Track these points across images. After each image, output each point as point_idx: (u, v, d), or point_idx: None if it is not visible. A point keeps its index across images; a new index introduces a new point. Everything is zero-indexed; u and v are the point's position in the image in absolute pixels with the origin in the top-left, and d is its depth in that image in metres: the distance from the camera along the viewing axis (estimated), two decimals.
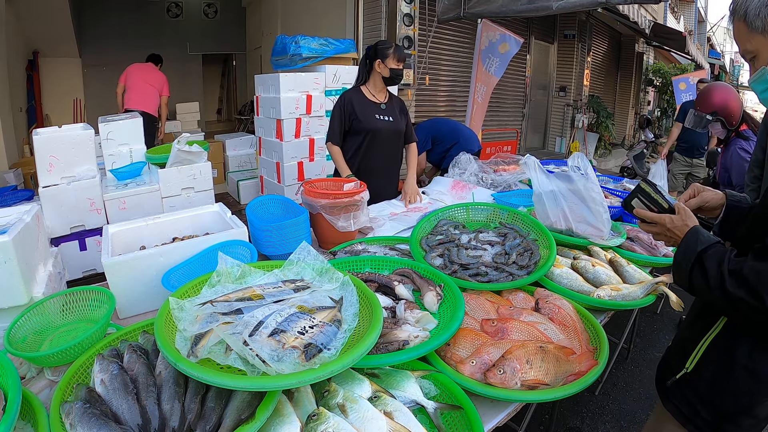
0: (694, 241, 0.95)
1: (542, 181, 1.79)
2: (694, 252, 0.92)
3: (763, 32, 0.89)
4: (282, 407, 0.86)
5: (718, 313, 0.99)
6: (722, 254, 0.89)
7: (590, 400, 2.28)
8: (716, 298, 0.89)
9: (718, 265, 0.88)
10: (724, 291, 0.85)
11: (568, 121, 8.55)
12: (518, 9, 4.19)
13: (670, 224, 1.03)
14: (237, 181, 4.83)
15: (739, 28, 0.93)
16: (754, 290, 0.81)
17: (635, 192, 1.15)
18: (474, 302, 1.32)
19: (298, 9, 6.42)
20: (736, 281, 0.84)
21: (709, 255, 0.91)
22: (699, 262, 0.91)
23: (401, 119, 2.51)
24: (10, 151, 4.68)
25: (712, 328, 1.00)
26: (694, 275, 0.92)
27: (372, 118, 2.39)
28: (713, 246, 0.92)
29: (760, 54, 0.91)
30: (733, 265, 0.86)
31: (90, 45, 7.21)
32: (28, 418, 0.86)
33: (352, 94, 2.44)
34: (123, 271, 1.33)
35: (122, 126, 2.78)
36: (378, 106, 2.44)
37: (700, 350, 1.01)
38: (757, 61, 0.92)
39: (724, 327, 0.98)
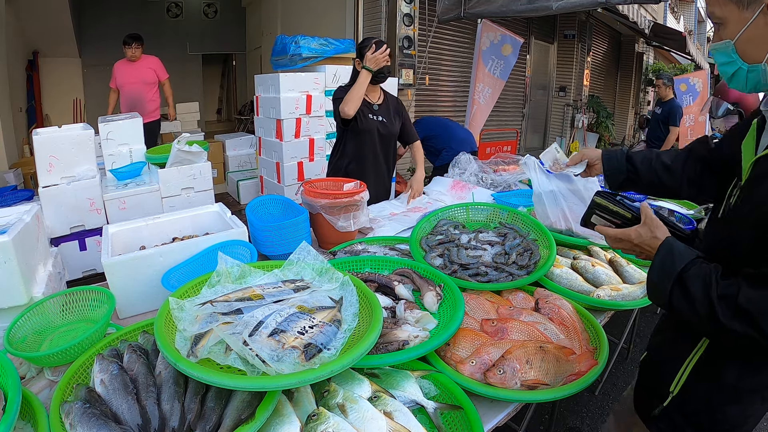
0: (671, 259, 0.84)
1: (542, 181, 1.79)
2: (673, 272, 0.82)
3: (739, 2, 0.81)
4: (282, 407, 0.86)
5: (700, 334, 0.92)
6: (707, 275, 0.79)
7: (590, 400, 2.28)
8: (703, 326, 0.79)
9: (704, 288, 0.78)
10: (715, 321, 0.76)
11: (567, 121, 8.56)
12: (518, 9, 4.20)
13: (638, 239, 0.93)
14: (237, 181, 4.83)
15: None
16: (754, 324, 0.72)
17: (591, 208, 1.04)
18: (474, 302, 1.32)
19: (297, 9, 6.42)
20: (731, 312, 0.74)
21: (690, 276, 0.80)
22: (680, 284, 0.81)
23: (395, 121, 2.45)
24: (10, 151, 4.68)
25: (695, 348, 0.92)
26: (674, 298, 0.82)
27: (365, 118, 2.34)
28: (693, 264, 0.82)
29: (727, 23, 0.83)
30: (723, 290, 0.76)
31: (90, 45, 7.20)
32: (28, 418, 0.86)
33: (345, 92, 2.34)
34: (123, 271, 1.33)
35: (122, 126, 2.78)
36: (371, 106, 2.38)
37: (685, 372, 0.93)
38: (723, 30, 0.85)
39: (709, 347, 0.90)
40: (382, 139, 2.40)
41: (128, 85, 4.64)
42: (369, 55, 2.17)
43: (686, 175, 1.14)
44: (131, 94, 4.67)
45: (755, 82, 0.84)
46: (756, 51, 0.81)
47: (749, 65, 0.83)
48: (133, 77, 4.65)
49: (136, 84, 4.67)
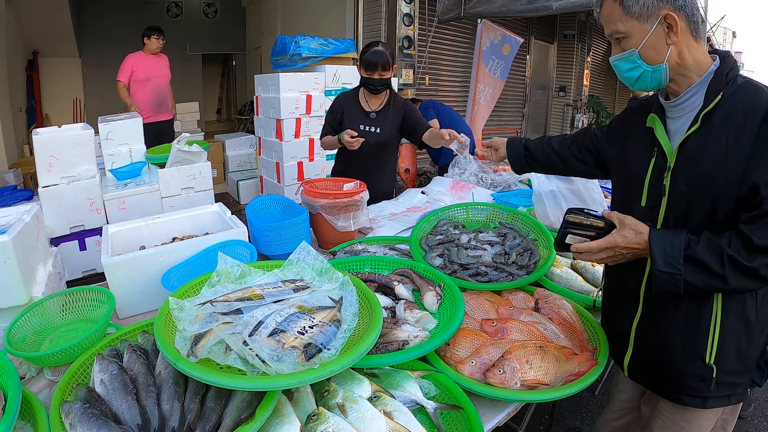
0: (669, 246, 0.92)
1: (542, 182, 1.79)
2: (678, 255, 0.91)
3: (639, 17, 0.94)
4: (282, 407, 0.86)
5: (707, 297, 0.99)
6: (706, 242, 0.89)
7: (590, 400, 2.28)
8: (726, 282, 0.88)
9: (713, 252, 0.88)
10: (740, 269, 0.86)
11: (567, 121, 8.55)
12: (518, 9, 4.20)
13: (624, 242, 0.98)
14: (237, 181, 4.83)
15: (614, 9, 0.97)
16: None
17: (564, 228, 1.04)
18: (474, 302, 1.32)
19: (297, 9, 6.42)
20: (750, 254, 0.85)
21: (694, 249, 0.90)
22: (690, 261, 0.90)
23: (393, 128, 2.31)
24: (9, 151, 4.67)
25: (712, 313, 0.99)
26: (688, 276, 0.90)
27: (354, 127, 2.25)
28: (689, 239, 0.91)
29: (630, 36, 0.96)
30: (730, 243, 0.87)
31: (90, 45, 7.20)
32: (27, 418, 0.86)
33: (345, 99, 2.34)
34: (123, 271, 1.33)
35: (122, 126, 2.78)
36: (367, 114, 2.29)
37: (715, 338, 1.00)
38: (627, 42, 0.98)
39: (723, 303, 0.98)
40: (373, 150, 2.29)
41: (156, 79, 4.46)
42: (345, 138, 2.11)
43: (575, 158, 1.33)
44: (160, 89, 4.50)
45: (657, 81, 0.99)
46: (656, 55, 0.96)
47: (652, 67, 0.97)
48: (159, 71, 4.49)
49: (162, 78, 4.51)
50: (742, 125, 0.89)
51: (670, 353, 1.07)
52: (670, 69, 0.97)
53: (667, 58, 0.95)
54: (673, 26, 0.93)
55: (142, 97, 4.41)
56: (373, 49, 2.14)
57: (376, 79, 2.16)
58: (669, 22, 0.93)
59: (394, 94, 2.36)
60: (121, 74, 4.37)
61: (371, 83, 2.18)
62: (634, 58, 0.98)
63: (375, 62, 2.12)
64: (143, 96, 4.41)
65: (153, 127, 4.34)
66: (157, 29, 4.43)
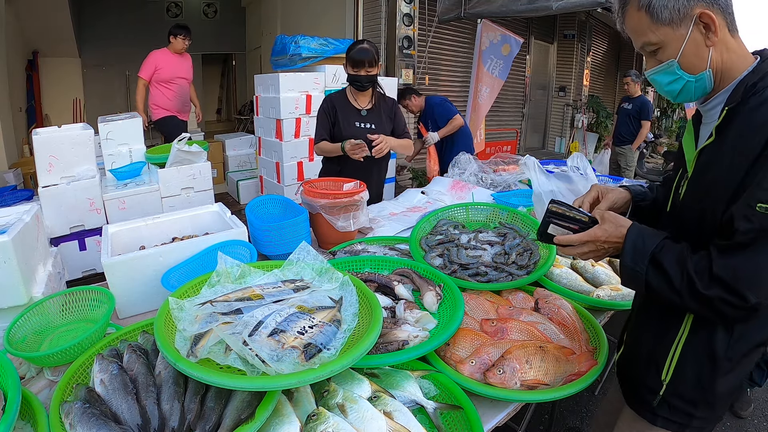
0: (641, 241, 0.88)
1: (542, 182, 1.79)
2: (646, 253, 0.86)
3: (671, 23, 0.84)
4: (282, 407, 0.86)
5: (680, 314, 0.94)
6: (678, 252, 0.84)
7: (590, 400, 2.28)
8: (683, 299, 0.83)
9: (678, 265, 0.82)
10: (694, 293, 0.80)
11: (567, 121, 8.56)
12: (518, 9, 4.20)
13: (604, 235, 0.94)
14: (237, 181, 4.83)
15: (640, 19, 0.86)
16: (732, 289, 0.77)
17: (547, 218, 1.01)
18: (473, 302, 1.32)
19: (297, 9, 6.42)
20: (708, 281, 0.79)
21: (664, 255, 0.85)
22: (654, 263, 0.85)
23: (387, 124, 2.34)
24: (9, 151, 4.67)
25: (679, 330, 0.94)
26: (650, 278, 0.86)
27: (351, 127, 2.25)
28: (663, 243, 0.86)
29: (665, 46, 0.86)
30: (697, 264, 0.81)
31: (89, 45, 7.20)
32: (27, 418, 0.86)
33: (335, 98, 2.32)
34: (123, 271, 1.33)
35: (122, 126, 2.78)
36: (359, 112, 2.30)
37: (674, 357, 0.95)
38: (662, 53, 0.87)
39: (693, 325, 0.92)
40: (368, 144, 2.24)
41: (179, 80, 4.30)
42: (347, 147, 2.11)
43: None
44: (183, 90, 4.35)
45: (702, 90, 0.89)
46: (698, 61, 0.86)
47: (695, 76, 0.87)
48: (183, 71, 4.32)
49: (186, 79, 4.36)
50: (750, 144, 0.79)
51: (638, 358, 1.06)
52: (713, 73, 0.87)
53: (709, 62, 0.85)
54: (711, 25, 0.82)
55: (163, 98, 4.26)
56: (358, 47, 2.17)
57: (362, 76, 2.18)
58: (705, 21, 0.82)
59: (381, 91, 2.39)
60: (143, 71, 4.14)
61: (358, 80, 2.20)
62: (673, 70, 0.87)
63: (361, 59, 2.15)
64: (164, 97, 4.26)
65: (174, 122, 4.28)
66: (185, 28, 4.23)
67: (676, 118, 10.34)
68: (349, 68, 2.20)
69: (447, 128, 3.77)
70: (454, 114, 3.79)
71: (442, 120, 3.80)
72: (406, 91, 4.04)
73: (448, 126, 3.77)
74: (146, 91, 4.21)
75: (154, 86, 4.22)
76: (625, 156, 5.30)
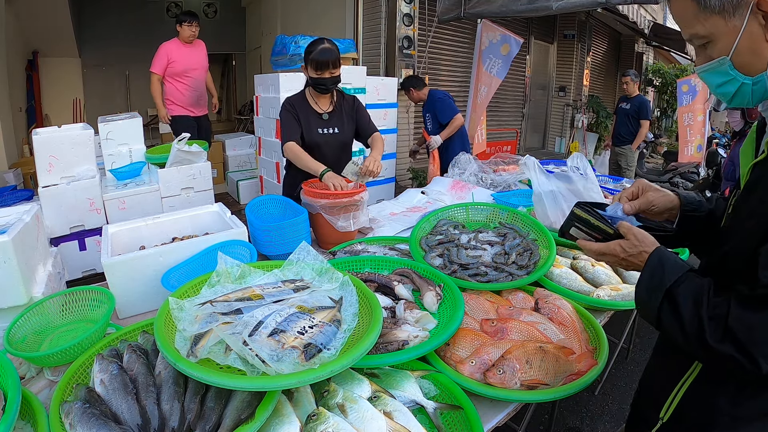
0: (660, 272, 0.78)
1: (542, 182, 1.79)
2: (662, 287, 0.76)
3: (722, 12, 0.70)
4: (282, 407, 0.86)
5: (691, 356, 0.84)
6: (698, 291, 0.73)
7: (590, 400, 2.28)
8: (691, 346, 0.73)
9: (694, 306, 0.72)
10: (703, 343, 0.70)
11: (567, 121, 8.55)
12: (518, 9, 4.20)
13: (623, 253, 0.86)
14: (237, 181, 4.83)
15: (686, 7, 0.74)
16: (743, 348, 0.66)
17: (570, 219, 0.97)
18: (473, 302, 1.32)
19: (297, 9, 6.41)
20: (721, 334, 0.68)
21: (681, 291, 0.74)
22: (669, 299, 0.75)
23: (350, 126, 2.21)
24: (9, 151, 4.67)
25: (687, 371, 0.85)
26: (663, 314, 0.76)
27: (314, 133, 2.11)
28: (685, 278, 0.75)
29: (716, 39, 0.73)
30: (714, 309, 0.70)
31: (89, 45, 7.20)
32: (27, 418, 0.86)
33: (295, 102, 2.13)
34: (123, 271, 1.33)
35: (122, 126, 2.78)
36: (320, 117, 2.14)
37: (676, 398, 0.86)
38: (712, 48, 0.74)
39: (701, 372, 0.83)
40: (334, 151, 2.17)
41: (193, 72, 4.01)
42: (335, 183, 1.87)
43: None
44: (197, 83, 4.08)
45: (761, 94, 0.75)
46: (756, 59, 0.72)
47: (753, 78, 0.73)
48: (196, 62, 4.04)
49: (199, 70, 4.08)
50: None
51: (645, 380, 1.02)
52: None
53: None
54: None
55: (177, 93, 4.02)
56: (320, 47, 1.98)
57: (327, 78, 2.02)
58: (764, 10, 0.68)
59: (340, 90, 2.23)
60: (155, 65, 3.87)
61: (323, 83, 2.03)
62: (725, 69, 0.74)
63: (325, 60, 1.98)
64: (179, 92, 4.02)
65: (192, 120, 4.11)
66: (192, 14, 4.00)
67: (677, 119, 10.33)
68: (311, 71, 2.01)
69: (448, 129, 3.74)
70: (456, 113, 3.76)
71: (442, 116, 3.77)
72: (407, 81, 3.96)
73: (450, 127, 3.73)
74: (161, 86, 3.98)
75: (167, 81, 3.98)
76: (626, 156, 5.30)
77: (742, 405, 0.78)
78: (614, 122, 5.50)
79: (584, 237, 0.95)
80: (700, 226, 0.95)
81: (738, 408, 0.78)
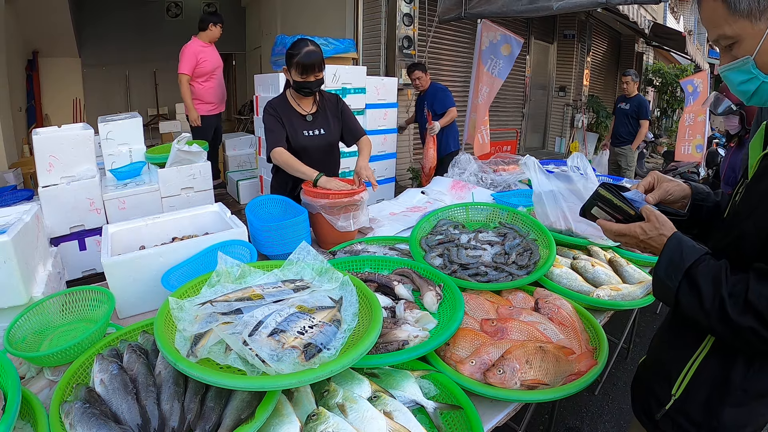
0: (679, 254, 0.83)
1: (542, 182, 1.79)
2: (681, 267, 0.81)
3: (749, 15, 0.75)
4: (282, 407, 0.86)
5: (703, 331, 0.88)
6: (716, 270, 0.78)
7: (590, 400, 2.28)
8: (712, 322, 0.77)
9: (713, 284, 0.77)
10: (725, 317, 0.75)
11: (567, 121, 8.56)
12: (519, 9, 4.20)
13: (643, 235, 0.90)
14: (236, 181, 4.83)
15: (715, 9, 0.78)
16: (763, 319, 0.71)
17: (593, 199, 0.99)
18: (473, 302, 1.32)
19: (297, 9, 6.42)
20: (742, 307, 0.73)
21: (700, 271, 0.79)
22: (688, 280, 0.80)
23: (335, 126, 2.15)
24: (9, 151, 4.67)
25: (698, 348, 0.89)
26: (682, 294, 0.81)
27: (300, 136, 2.05)
28: (703, 259, 0.80)
29: (742, 41, 0.78)
30: (734, 286, 0.75)
31: (89, 44, 7.21)
32: (27, 418, 0.86)
33: (278, 104, 2.06)
34: (122, 271, 1.33)
35: (122, 126, 2.78)
36: (304, 119, 2.07)
37: (688, 374, 0.90)
38: (738, 49, 0.79)
39: (713, 347, 0.87)
40: (321, 153, 2.10)
41: (218, 69, 4.15)
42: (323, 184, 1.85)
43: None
44: (221, 80, 4.23)
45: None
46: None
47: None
48: (218, 60, 4.20)
49: (221, 68, 4.23)
50: None
51: (654, 364, 1.04)
52: None
53: None
54: None
55: (206, 92, 4.12)
56: (305, 50, 1.91)
57: (312, 82, 1.96)
58: None
59: (322, 91, 2.15)
60: (184, 66, 3.92)
61: (307, 86, 1.97)
62: (748, 68, 0.79)
63: (311, 63, 1.91)
64: (207, 92, 4.13)
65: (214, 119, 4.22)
66: (220, 15, 4.15)
67: (677, 118, 10.32)
68: (296, 74, 1.94)
69: (446, 118, 3.87)
70: (453, 105, 3.91)
71: (439, 106, 3.90)
72: (418, 65, 4.07)
73: (447, 116, 3.88)
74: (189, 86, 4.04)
75: (195, 82, 4.04)
76: (626, 156, 5.30)
77: (751, 379, 0.83)
78: (613, 122, 5.50)
79: (605, 217, 0.98)
80: (707, 215, 1.01)
81: (747, 382, 0.83)
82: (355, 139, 2.20)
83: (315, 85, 2.00)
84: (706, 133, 6.29)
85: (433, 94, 3.97)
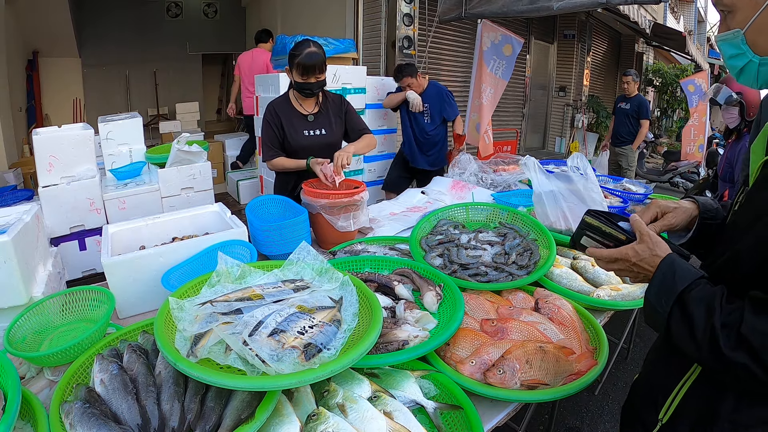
0: (671, 277, 0.75)
1: (542, 182, 1.79)
2: (673, 292, 0.73)
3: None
4: (282, 407, 0.86)
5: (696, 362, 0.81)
6: (711, 297, 0.70)
7: (590, 400, 2.28)
8: (702, 354, 0.70)
9: (706, 312, 0.69)
10: (716, 351, 0.67)
11: (567, 121, 8.56)
12: (519, 9, 4.20)
13: (636, 257, 0.82)
14: (237, 181, 4.83)
15: None
16: (757, 357, 0.64)
17: (581, 228, 0.93)
18: (474, 302, 1.32)
19: (297, 9, 6.42)
20: (735, 341, 0.66)
21: (693, 297, 0.72)
22: (680, 305, 0.73)
23: (338, 127, 2.15)
24: (9, 151, 4.67)
25: (686, 373, 0.82)
26: (673, 322, 0.73)
27: (300, 136, 2.05)
28: (697, 284, 0.73)
29: (736, 10, 0.74)
30: (728, 316, 0.67)
31: (89, 44, 7.20)
32: (27, 418, 0.86)
33: (278, 105, 2.07)
34: (123, 271, 1.33)
35: (122, 126, 2.78)
36: (305, 118, 2.08)
37: (676, 399, 0.84)
38: (731, 19, 0.75)
39: (702, 372, 0.80)
40: (323, 153, 2.05)
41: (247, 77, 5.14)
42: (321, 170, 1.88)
43: None
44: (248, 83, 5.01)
45: (767, 77, 0.75)
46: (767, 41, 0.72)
47: (761, 58, 0.73)
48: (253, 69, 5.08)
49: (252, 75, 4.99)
50: None
51: (642, 382, 1.00)
52: None
53: None
54: None
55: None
56: (306, 51, 1.91)
57: (313, 83, 1.97)
58: None
59: (325, 90, 2.15)
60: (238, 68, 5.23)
61: (308, 87, 1.98)
62: (737, 42, 0.74)
63: (312, 64, 1.92)
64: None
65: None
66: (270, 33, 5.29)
67: (677, 119, 10.33)
68: (297, 75, 1.95)
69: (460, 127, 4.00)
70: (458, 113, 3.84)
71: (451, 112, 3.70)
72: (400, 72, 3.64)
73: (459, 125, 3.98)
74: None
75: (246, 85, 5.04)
76: (626, 156, 5.30)
77: (741, 412, 0.76)
78: (612, 122, 5.50)
79: (595, 245, 0.92)
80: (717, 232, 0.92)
81: (736, 414, 0.76)
82: (358, 138, 2.20)
83: (316, 86, 2.00)
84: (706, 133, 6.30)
85: (437, 96, 3.69)
